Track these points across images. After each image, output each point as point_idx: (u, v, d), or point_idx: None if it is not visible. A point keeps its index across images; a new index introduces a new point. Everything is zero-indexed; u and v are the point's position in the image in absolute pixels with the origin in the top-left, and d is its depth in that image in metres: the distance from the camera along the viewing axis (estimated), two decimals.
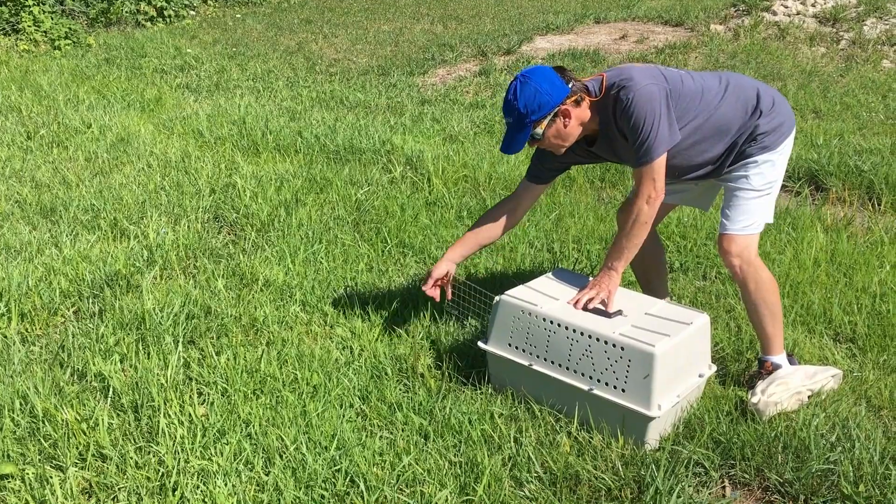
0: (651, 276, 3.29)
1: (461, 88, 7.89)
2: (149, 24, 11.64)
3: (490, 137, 6.26)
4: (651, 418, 2.51)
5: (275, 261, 3.98)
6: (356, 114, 7.09)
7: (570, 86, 2.66)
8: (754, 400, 2.73)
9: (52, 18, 10.67)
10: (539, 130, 2.69)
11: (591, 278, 2.96)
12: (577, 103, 2.68)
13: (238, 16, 12.23)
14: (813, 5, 9.11)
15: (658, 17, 10.23)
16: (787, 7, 9.21)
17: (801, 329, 3.31)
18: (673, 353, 2.56)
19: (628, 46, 9.09)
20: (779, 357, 2.89)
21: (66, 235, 4.26)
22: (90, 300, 3.57)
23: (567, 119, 2.68)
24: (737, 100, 2.76)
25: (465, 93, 7.75)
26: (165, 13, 11.95)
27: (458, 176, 5.28)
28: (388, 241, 4.23)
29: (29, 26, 10.27)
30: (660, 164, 2.65)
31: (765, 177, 2.80)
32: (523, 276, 3.75)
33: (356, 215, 4.62)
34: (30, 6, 10.43)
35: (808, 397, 2.79)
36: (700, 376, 2.74)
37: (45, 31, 10.36)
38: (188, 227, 4.45)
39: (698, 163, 2.82)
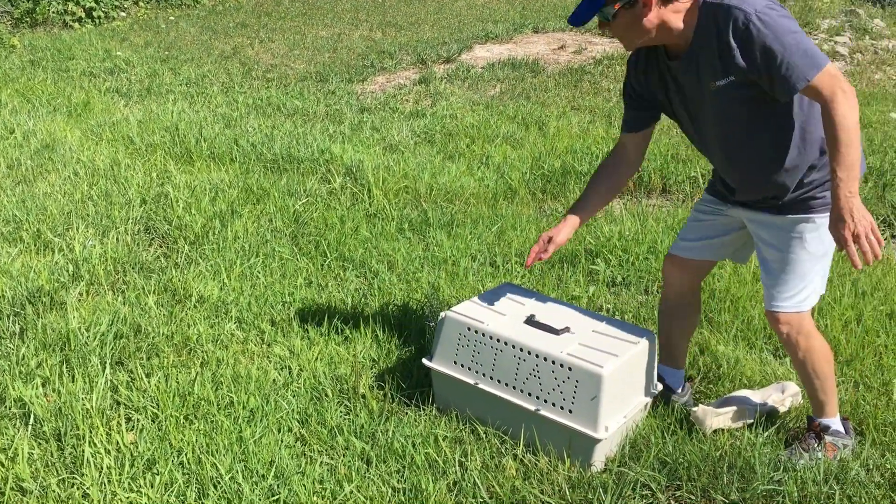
0: (676, 338, 2.96)
1: (401, 97, 7.82)
2: (77, 25, 11.26)
3: (430, 147, 6.20)
4: (598, 440, 2.47)
5: (209, 275, 3.84)
6: (294, 122, 6.94)
7: None
8: (695, 408, 2.75)
9: None
10: (611, 10, 2.32)
11: (538, 293, 2.92)
12: (666, 2, 2.30)
13: (171, 18, 11.92)
14: None
15: (596, 28, 10.33)
16: None
17: (742, 344, 3.32)
18: (620, 373, 2.52)
19: (567, 57, 9.15)
20: (831, 420, 2.66)
21: None
22: (10, 318, 3.37)
23: (647, 10, 2.29)
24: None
25: (404, 101, 7.68)
26: (94, 14, 11.57)
27: (398, 187, 5.20)
28: (328, 255, 4.12)
29: None
30: (831, 67, 2.18)
31: (823, 241, 2.46)
32: (468, 292, 3.70)
33: (294, 227, 4.50)
34: None
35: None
36: (646, 396, 2.72)
37: None
38: (117, 239, 4.26)
39: (773, 167, 2.42)
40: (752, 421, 2.76)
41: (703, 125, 2.50)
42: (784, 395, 2.88)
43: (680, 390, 2.94)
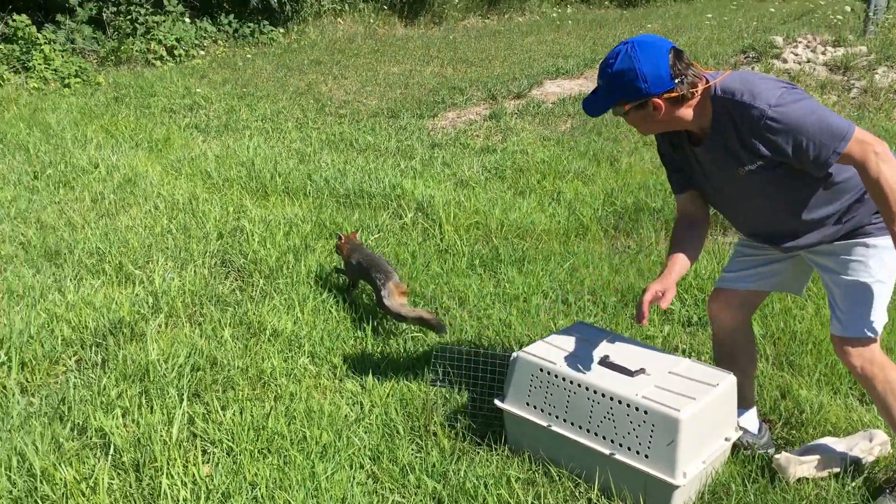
0: (739, 378, 2.76)
1: (471, 132, 7.86)
2: (159, 63, 11.69)
3: (501, 182, 6.20)
4: (676, 486, 2.40)
5: (283, 309, 3.89)
6: (366, 157, 7.04)
7: (675, 81, 2.33)
8: (778, 455, 2.63)
9: (62, 57, 10.72)
10: (621, 109, 2.41)
11: (612, 333, 2.87)
12: (677, 101, 2.36)
13: (248, 56, 12.28)
14: (823, 53, 9.12)
15: None
16: (797, 55, 9.21)
17: (827, 389, 3.19)
18: (699, 417, 2.45)
19: None
20: None
21: (71, 280, 4.17)
22: (93, 349, 3.48)
23: (658, 112, 2.36)
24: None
25: (475, 137, 7.72)
26: (175, 52, 12.00)
27: (469, 223, 5.21)
28: None
29: (39, 64, 10.31)
30: (858, 133, 2.21)
31: (885, 264, 2.42)
32: (539, 330, 3.66)
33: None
34: (41, 45, 10.49)
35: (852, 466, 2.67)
36: (726, 440, 2.63)
37: (55, 70, 10.39)
38: (195, 272, 4.37)
39: (806, 220, 2.43)
40: (838, 470, 2.65)
41: (731, 197, 2.54)
42: (872, 444, 2.75)
43: (757, 431, 2.84)
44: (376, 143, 7.55)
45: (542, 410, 2.68)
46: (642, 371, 2.62)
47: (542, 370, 2.68)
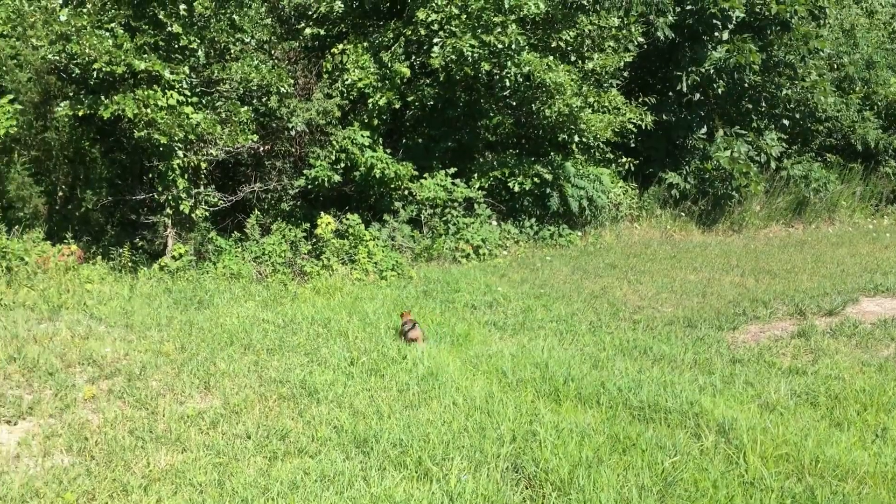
0: None
1: (777, 350, 7.37)
2: (464, 260, 12.59)
3: (813, 410, 5.67)
4: None
5: None
6: (661, 367, 6.85)
7: None
8: None
9: (382, 252, 11.95)
10: None
11: None
12: None
13: (547, 258, 12.83)
14: None
15: None
16: None
17: None
18: None
19: None
20: None
21: (375, 470, 4.39)
22: None
23: None
24: None
25: (781, 355, 7.22)
26: (480, 251, 12.87)
27: (777, 453, 4.76)
28: None
29: (363, 258, 11.56)
30: None
31: None
32: None
33: (662, 487, 4.28)
34: (367, 241, 11.81)
35: None
36: None
37: (375, 263, 11.58)
38: (488, 475, 4.40)
39: None
40: None
41: None
42: None
43: None
44: (672, 354, 7.33)
45: None
46: None
47: None
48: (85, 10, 9.89)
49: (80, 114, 9.98)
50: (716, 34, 15.76)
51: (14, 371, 5.89)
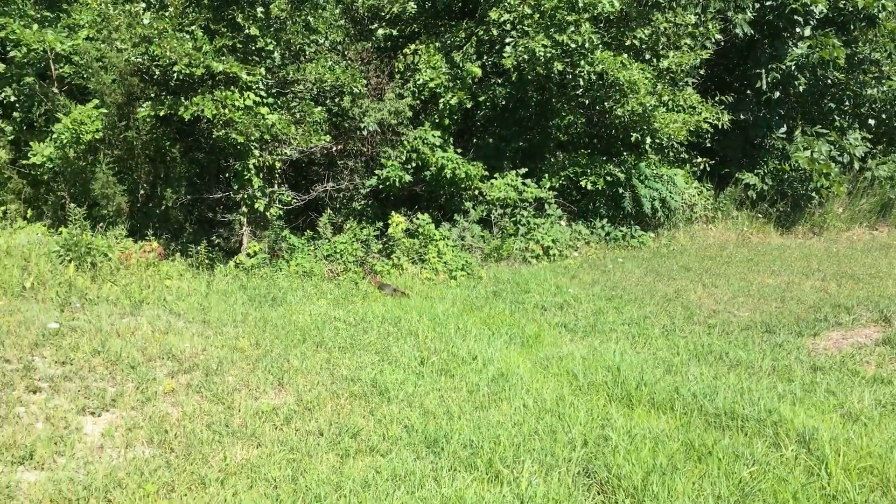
0: None
1: (860, 357, 7.10)
2: (534, 261, 12.51)
3: None
4: None
5: None
6: (738, 374, 6.67)
7: None
8: None
9: (452, 251, 11.96)
10: None
11: None
12: None
13: (619, 259, 12.66)
14: None
15: None
16: None
17: None
18: None
19: None
20: None
21: (446, 471, 4.39)
22: None
23: None
24: None
25: (865, 363, 6.95)
26: (550, 252, 12.78)
27: (861, 466, 4.58)
28: None
29: (433, 257, 11.60)
30: None
31: None
32: None
33: (739, 497, 4.17)
34: (437, 240, 11.84)
35: None
36: None
37: (445, 262, 11.61)
38: (559, 479, 4.35)
39: None
40: None
41: None
42: None
43: None
44: (749, 360, 7.13)
45: None
46: None
47: None
48: (167, 14, 10.19)
49: (161, 114, 10.29)
50: (797, 30, 15.30)
51: (98, 364, 6.09)
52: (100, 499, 4.23)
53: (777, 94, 15.69)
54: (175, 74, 10.15)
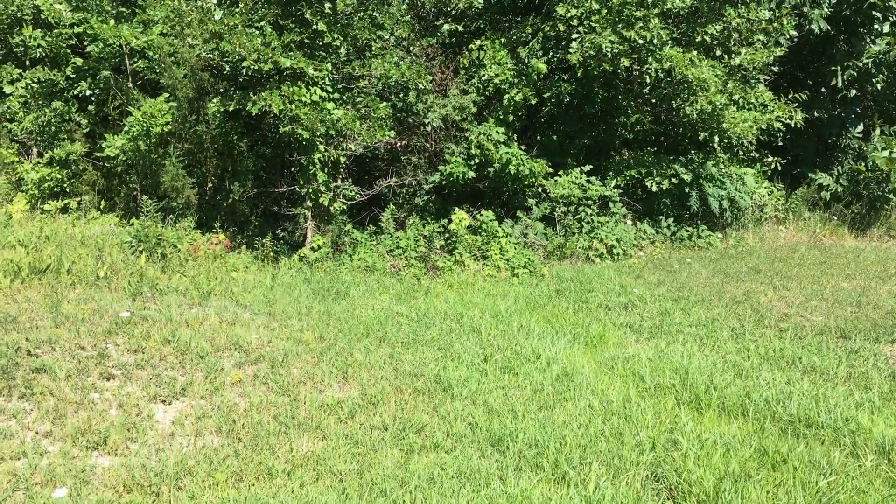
0: None
1: None
2: (598, 259, 12.35)
3: None
4: None
5: None
6: (812, 380, 6.45)
7: None
8: None
9: (515, 249, 11.88)
10: None
11: None
12: None
13: (687, 260, 12.40)
14: None
15: None
16: None
17: None
18: None
19: None
20: None
21: (512, 470, 4.34)
22: None
23: None
24: None
25: None
26: (614, 251, 12.59)
27: None
28: None
29: (496, 254, 11.54)
30: None
31: None
32: None
33: None
34: (500, 237, 11.78)
35: None
36: None
37: (507, 259, 11.53)
38: (627, 483, 4.26)
39: None
40: None
41: None
42: None
43: None
44: (823, 366, 6.90)
45: None
46: None
47: None
48: (237, 10, 10.33)
49: (230, 109, 10.44)
50: (875, 26, 14.77)
51: (168, 353, 6.20)
52: (171, 486, 4.29)
53: (853, 91, 15.19)
54: (244, 70, 10.29)
